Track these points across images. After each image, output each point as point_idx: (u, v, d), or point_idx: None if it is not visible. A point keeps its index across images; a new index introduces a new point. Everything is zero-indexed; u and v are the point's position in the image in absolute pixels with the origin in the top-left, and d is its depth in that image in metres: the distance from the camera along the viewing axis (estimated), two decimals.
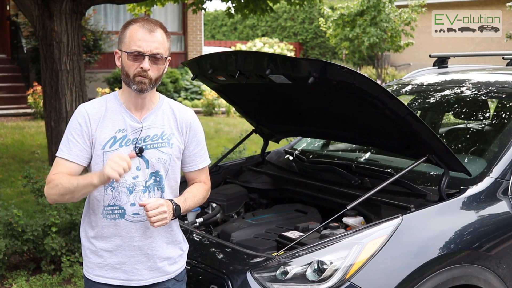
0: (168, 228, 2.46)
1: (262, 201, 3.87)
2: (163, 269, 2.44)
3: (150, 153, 2.37)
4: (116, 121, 2.36)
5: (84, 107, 2.38)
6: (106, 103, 2.40)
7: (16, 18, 13.65)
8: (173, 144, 2.42)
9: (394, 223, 2.70)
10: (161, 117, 2.42)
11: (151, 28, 2.32)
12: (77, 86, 6.21)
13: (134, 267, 2.39)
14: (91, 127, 2.33)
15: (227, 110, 14.16)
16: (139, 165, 2.35)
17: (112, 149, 2.33)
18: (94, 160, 2.35)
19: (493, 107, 3.97)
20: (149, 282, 2.42)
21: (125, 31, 2.34)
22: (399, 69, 22.04)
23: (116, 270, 2.39)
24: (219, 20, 28.09)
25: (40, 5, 5.98)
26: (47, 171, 5.19)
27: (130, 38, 2.31)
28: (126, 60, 2.32)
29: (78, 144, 2.33)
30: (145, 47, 2.29)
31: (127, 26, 2.35)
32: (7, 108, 12.73)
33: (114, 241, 2.37)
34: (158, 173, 2.39)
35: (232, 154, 6.25)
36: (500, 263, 2.91)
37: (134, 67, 2.30)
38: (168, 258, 2.45)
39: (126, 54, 2.31)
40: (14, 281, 4.37)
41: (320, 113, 3.48)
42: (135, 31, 2.31)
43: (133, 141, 2.35)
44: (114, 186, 2.34)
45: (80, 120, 2.34)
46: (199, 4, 8.25)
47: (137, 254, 2.39)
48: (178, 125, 2.45)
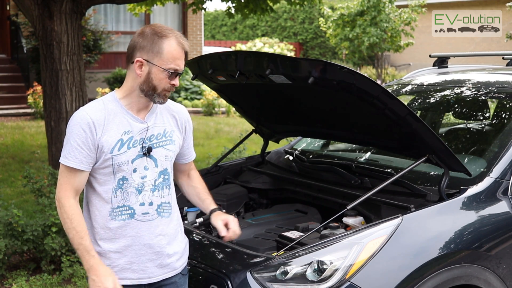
0: (174, 223, 2.50)
1: (262, 201, 3.87)
2: (172, 265, 2.49)
3: (158, 152, 2.40)
4: (120, 124, 2.35)
5: (86, 113, 2.32)
6: (105, 105, 2.36)
7: (16, 18, 13.65)
8: (175, 141, 2.48)
9: (394, 223, 2.70)
10: (160, 116, 2.46)
11: (184, 45, 2.34)
12: (77, 86, 6.21)
13: (144, 266, 2.41)
14: (96, 133, 2.30)
15: (227, 110, 14.16)
16: (147, 164, 2.38)
17: (121, 151, 2.33)
18: (102, 164, 2.33)
19: (493, 107, 3.97)
20: (158, 278, 2.46)
21: (161, 45, 2.30)
22: (399, 69, 22.03)
23: (126, 271, 2.40)
24: (219, 20, 28.08)
25: (40, 5, 5.98)
26: (47, 171, 5.20)
27: (169, 55, 2.29)
28: (158, 75, 2.31)
29: (83, 151, 2.30)
30: (181, 66, 2.34)
31: (162, 39, 2.30)
32: (7, 108, 12.73)
33: (122, 242, 2.38)
34: (166, 171, 2.44)
35: (232, 154, 6.25)
36: (500, 263, 2.91)
37: (166, 83, 2.33)
38: (176, 253, 2.50)
39: (161, 69, 2.30)
40: (14, 281, 4.37)
41: (320, 113, 3.48)
42: (173, 48, 2.31)
43: (140, 141, 2.37)
44: (123, 187, 2.35)
45: (84, 127, 2.29)
46: (199, 4, 8.25)
47: (147, 253, 2.41)
48: (178, 123, 2.52)
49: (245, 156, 5.25)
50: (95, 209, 2.38)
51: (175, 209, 2.52)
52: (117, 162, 2.32)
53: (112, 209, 2.36)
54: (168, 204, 2.46)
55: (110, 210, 2.36)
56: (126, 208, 2.36)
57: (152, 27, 2.35)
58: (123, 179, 2.35)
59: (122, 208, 2.36)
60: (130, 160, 2.34)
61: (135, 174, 2.35)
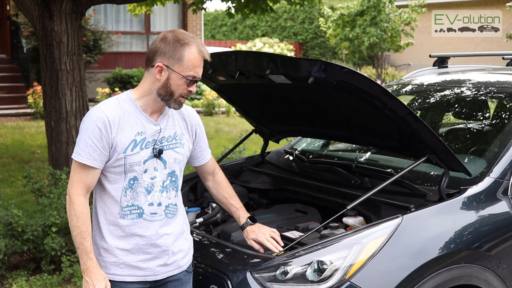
0: (180, 221, 2.55)
1: (262, 201, 3.87)
2: (177, 262, 2.53)
3: (168, 154, 2.44)
4: (134, 125, 2.39)
5: (103, 112, 2.34)
6: (120, 105, 2.39)
7: (16, 18, 13.65)
8: (184, 144, 2.52)
9: (394, 223, 2.70)
10: (172, 119, 2.50)
11: (204, 54, 2.38)
12: (77, 86, 6.21)
13: (150, 264, 2.45)
14: (111, 132, 2.33)
15: (227, 110, 14.16)
16: (156, 166, 2.42)
17: (134, 152, 2.36)
18: (114, 163, 2.36)
19: (493, 107, 3.97)
20: (164, 276, 2.50)
21: (183, 52, 2.33)
22: (399, 69, 22.03)
23: (132, 268, 2.44)
24: (219, 20, 28.08)
25: (40, 5, 5.98)
26: (47, 171, 5.20)
27: (190, 63, 2.34)
28: (177, 81, 2.35)
29: (97, 149, 2.33)
30: (200, 73, 2.39)
31: (184, 47, 2.34)
32: (7, 108, 12.73)
33: (131, 240, 2.41)
34: (174, 173, 2.48)
35: (232, 154, 6.26)
36: (500, 263, 2.91)
37: (184, 89, 2.37)
38: (181, 251, 2.54)
39: (181, 76, 2.34)
40: (14, 281, 4.37)
41: (320, 113, 3.48)
42: (194, 56, 2.35)
43: (152, 143, 2.41)
44: (133, 187, 2.39)
45: (99, 125, 2.32)
46: (199, 4, 8.25)
47: (154, 252, 2.44)
48: (188, 126, 2.56)
49: (245, 156, 5.25)
50: (105, 206, 2.42)
51: (181, 209, 2.57)
52: (129, 162, 2.36)
53: (121, 208, 2.39)
54: (174, 206, 2.51)
55: (119, 209, 2.39)
56: (135, 208, 2.39)
57: (174, 33, 2.37)
58: (134, 179, 2.38)
59: (131, 208, 2.39)
60: (142, 161, 2.38)
61: (145, 174, 2.39)
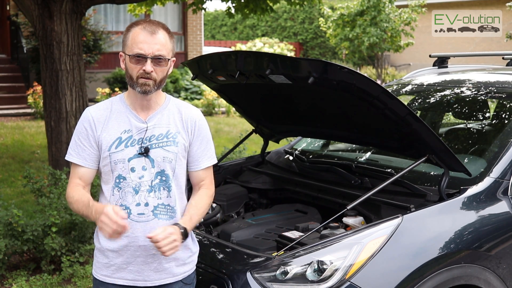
0: None
1: (262, 201, 3.87)
2: (170, 270, 2.43)
3: (155, 152, 2.38)
4: (121, 122, 2.40)
5: (89, 111, 2.43)
6: (111, 105, 2.44)
7: (16, 18, 13.65)
8: (179, 143, 2.42)
9: (394, 223, 2.70)
10: (167, 117, 2.44)
11: (153, 30, 2.35)
12: (77, 86, 6.21)
13: (140, 267, 2.40)
14: (96, 130, 2.38)
15: (227, 110, 14.16)
16: (145, 165, 2.38)
17: (118, 149, 2.36)
18: (103, 162, 2.39)
19: (493, 107, 3.97)
20: (155, 283, 2.42)
21: (128, 34, 2.37)
22: (399, 69, 22.03)
23: (123, 270, 2.41)
24: (219, 20, 28.08)
25: (40, 5, 5.98)
26: (47, 171, 5.20)
27: (132, 41, 2.34)
28: (129, 63, 2.35)
29: (86, 148, 2.39)
30: (147, 49, 2.32)
31: (130, 29, 2.38)
32: (7, 108, 12.73)
33: (119, 241, 2.38)
34: (164, 172, 2.39)
35: (232, 154, 6.26)
36: (500, 263, 2.91)
37: (137, 69, 2.34)
38: (176, 259, 2.44)
39: (129, 57, 2.34)
40: (14, 281, 4.37)
41: (320, 113, 3.48)
42: (137, 33, 2.34)
43: (139, 141, 2.38)
44: (121, 186, 2.37)
45: (85, 124, 2.40)
46: (199, 4, 8.25)
47: (143, 255, 2.39)
48: (184, 123, 2.46)
49: (245, 156, 5.25)
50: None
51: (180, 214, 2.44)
52: (113, 160, 2.36)
53: None
54: (166, 206, 2.40)
55: None
56: (122, 208, 2.35)
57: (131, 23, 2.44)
58: (119, 177, 2.37)
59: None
60: (127, 159, 2.36)
61: (133, 173, 2.36)
